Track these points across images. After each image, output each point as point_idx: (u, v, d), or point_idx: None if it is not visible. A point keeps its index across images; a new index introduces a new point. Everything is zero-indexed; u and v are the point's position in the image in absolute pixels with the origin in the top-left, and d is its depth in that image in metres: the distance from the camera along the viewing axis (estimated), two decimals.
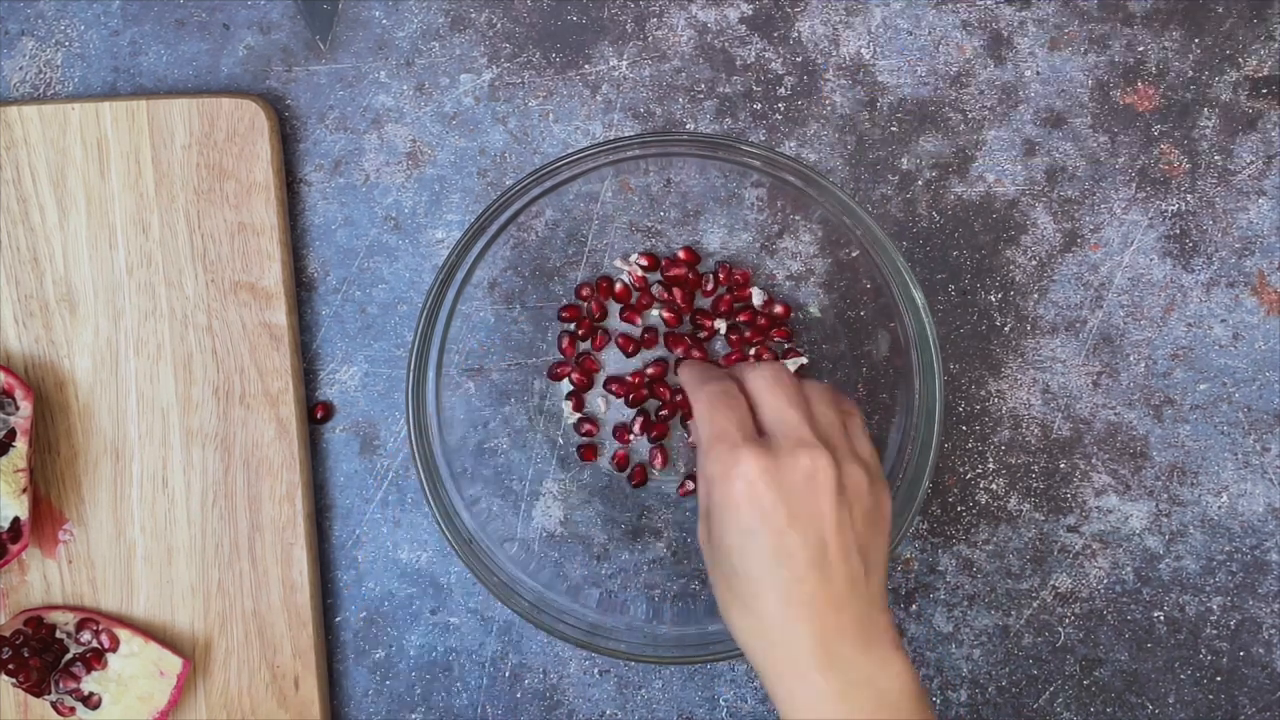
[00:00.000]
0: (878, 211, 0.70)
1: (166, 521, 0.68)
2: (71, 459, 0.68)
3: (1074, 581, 0.70)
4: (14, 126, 0.67)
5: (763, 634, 0.49)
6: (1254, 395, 0.69)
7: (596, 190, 0.68)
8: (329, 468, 0.71)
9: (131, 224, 0.68)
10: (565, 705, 0.71)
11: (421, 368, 0.62)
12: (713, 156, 0.62)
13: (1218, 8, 0.69)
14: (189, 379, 0.68)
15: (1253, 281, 0.69)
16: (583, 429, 0.69)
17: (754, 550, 0.49)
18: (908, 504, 0.61)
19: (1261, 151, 0.69)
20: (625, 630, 0.64)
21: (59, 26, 0.71)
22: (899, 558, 0.70)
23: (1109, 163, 0.69)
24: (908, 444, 0.63)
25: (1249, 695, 0.69)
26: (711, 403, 0.52)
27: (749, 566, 0.49)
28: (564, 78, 0.70)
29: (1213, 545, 0.69)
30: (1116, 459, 0.70)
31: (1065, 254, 0.69)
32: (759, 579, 0.49)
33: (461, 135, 0.70)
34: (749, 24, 0.70)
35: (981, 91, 0.69)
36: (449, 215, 0.70)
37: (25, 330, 0.68)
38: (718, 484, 0.50)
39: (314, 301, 0.70)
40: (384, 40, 0.70)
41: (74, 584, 0.68)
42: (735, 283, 0.68)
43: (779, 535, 0.48)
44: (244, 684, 0.68)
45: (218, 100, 0.67)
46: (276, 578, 0.68)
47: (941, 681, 0.70)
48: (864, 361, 0.68)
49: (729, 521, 0.49)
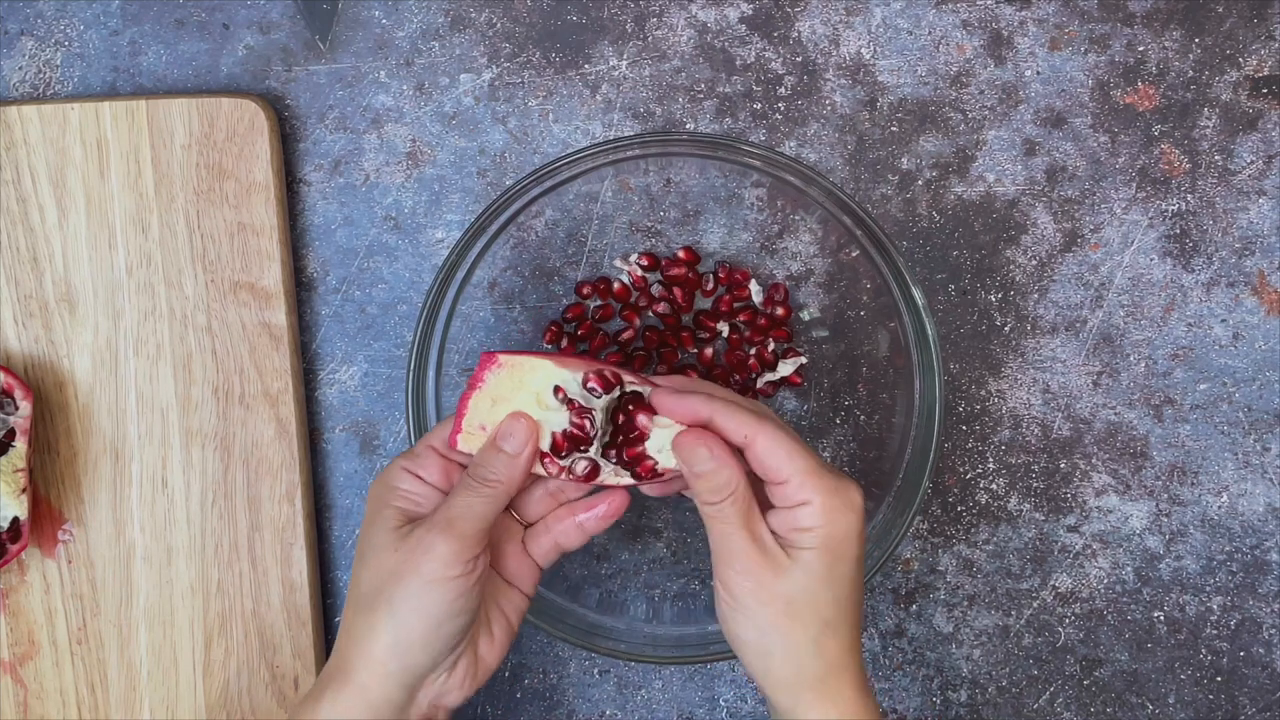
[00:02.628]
0: (878, 211, 0.70)
1: (166, 521, 0.68)
2: (71, 459, 0.68)
3: (1074, 581, 0.70)
4: (14, 126, 0.67)
5: (821, 654, 0.51)
6: (1254, 395, 0.69)
7: (596, 190, 0.68)
8: (329, 468, 0.71)
9: (131, 224, 0.68)
10: (565, 705, 0.70)
11: (421, 368, 0.62)
12: (713, 156, 0.62)
13: (1218, 8, 0.69)
14: (189, 379, 0.68)
15: (1253, 281, 0.69)
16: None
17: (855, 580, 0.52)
18: (908, 504, 0.61)
19: (1262, 151, 0.69)
20: (625, 630, 0.64)
21: (59, 26, 0.71)
22: (899, 558, 0.70)
23: (1109, 162, 0.69)
24: (908, 444, 0.63)
25: (1249, 695, 0.69)
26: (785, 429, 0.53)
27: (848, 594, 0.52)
28: (564, 78, 0.70)
29: (1213, 545, 0.69)
30: (1117, 459, 0.70)
31: (1065, 254, 0.69)
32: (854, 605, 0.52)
33: (461, 135, 0.70)
34: (749, 24, 0.70)
35: (982, 91, 0.69)
36: (449, 215, 0.70)
37: (25, 330, 0.68)
38: (843, 514, 0.51)
39: (314, 301, 0.70)
40: (384, 40, 0.70)
41: (74, 584, 0.68)
42: (735, 282, 0.68)
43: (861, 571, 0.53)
44: (244, 684, 0.68)
45: (217, 100, 0.67)
46: (276, 578, 0.68)
47: (941, 681, 0.70)
48: (864, 361, 0.68)
49: (846, 552, 0.51)
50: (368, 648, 0.51)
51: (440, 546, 0.50)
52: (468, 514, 0.51)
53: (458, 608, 0.51)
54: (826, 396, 0.69)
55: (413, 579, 0.50)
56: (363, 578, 0.52)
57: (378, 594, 0.51)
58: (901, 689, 0.70)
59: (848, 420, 0.69)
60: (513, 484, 0.53)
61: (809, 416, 0.69)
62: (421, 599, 0.50)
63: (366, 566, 0.52)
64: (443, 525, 0.51)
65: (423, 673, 0.52)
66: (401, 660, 0.51)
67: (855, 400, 0.69)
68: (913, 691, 0.70)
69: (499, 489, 0.52)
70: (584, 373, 0.54)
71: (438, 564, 0.50)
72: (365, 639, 0.51)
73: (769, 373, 0.68)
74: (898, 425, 0.65)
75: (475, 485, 0.52)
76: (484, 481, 0.52)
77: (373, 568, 0.52)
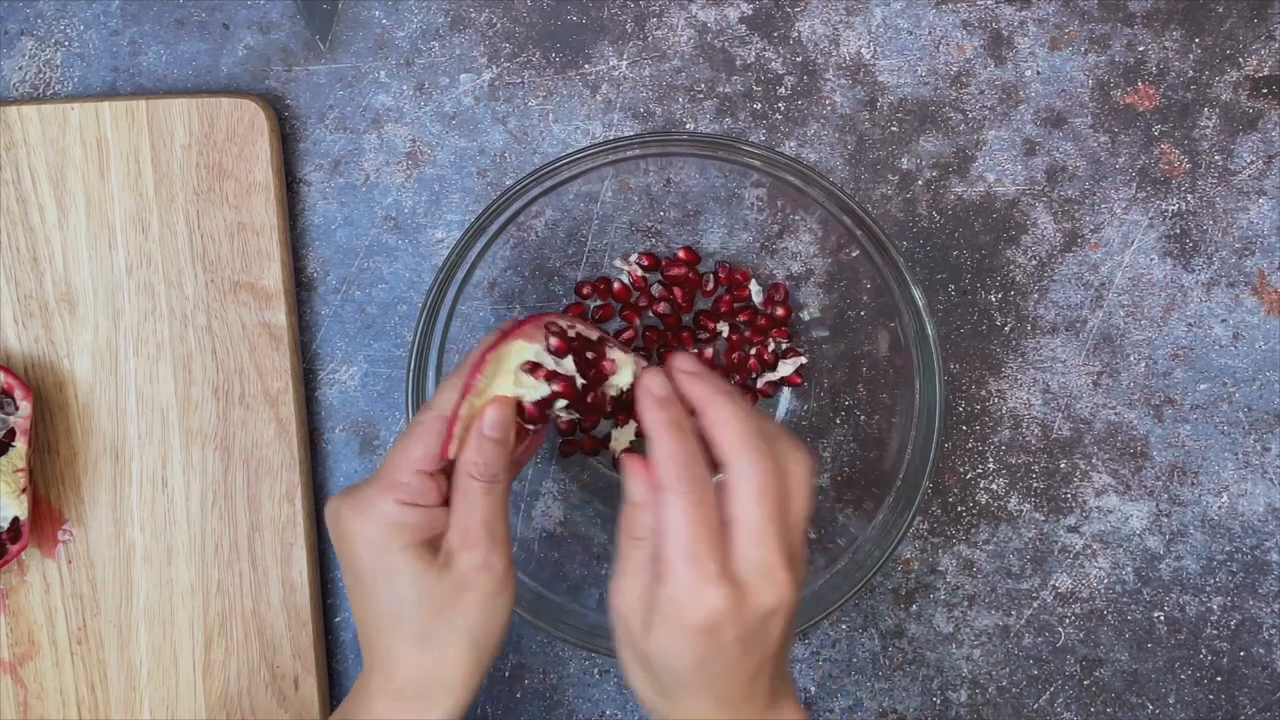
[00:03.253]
0: (878, 211, 0.70)
1: (166, 521, 0.68)
2: (71, 459, 0.68)
3: (1074, 581, 0.70)
4: (14, 126, 0.67)
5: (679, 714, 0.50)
6: (1254, 395, 0.69)
7: (596, 190, 0.68)
8: (329, 468, 0.71)
9: (131, 224, 0.68)
10: (565, 705, 0.70)
11: (421, 368, 0.62)
12: (713, 156, 0.62)
13: (1218, 8, 0.69)
14: (189, 379, 0.68)
15: (1253, 281, 0.69)
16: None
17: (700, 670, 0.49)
18: (908, 504, 0.61)
19: (1262, 151, 0.69)
20: None
21: (59, 26, 0.71)
22: (899, 558, 0.70)
23: (1109, 162, 0.69)
24: (908, 444, 0.63)
25: (1249, 695, 0.69)
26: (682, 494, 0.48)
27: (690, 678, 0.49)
28: (564, 77, 0.70)
29: (1213, 545, 0.69)
30: (1117, 459, 0.69)
31: (1065, 254, 0.69)
32: (697, 689, 0.49)
33: (461, 135, 0.70)
34: (749, 24, 0.70)
35: (982, 91, 0.69)
36: (449, 215, 0.70)
37: (25, 330, 0.68)
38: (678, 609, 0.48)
39: (314, 301, 0.70)
40: (384, 40, 0.70)
41: (74, 584, 0.68)
42: (735, 282, 0.68)
43: (729, 663, 0.49)
44: (244, 684, 0.68)
45: (217, 100, 0.67)
46: (276, 578, 0.68)
47: (941, 681, 0.70)
48: (864, 361, 0.68)
49: (681, 647, 0.48)
50: (454, 667, 0.53)
51: (498, 563, 0.52)
52: (497, 517, 0.53)
53: (510, 609, 0.54)
54: (826, 396, 0.69)
55: (475, 598, 0.52)
56: (403, 602, 0.52)
57: (438, 616, 0.52)
58: (901, 689, 0.70)
59: (848, 420, 0.69)
60: (507, 471, 0.54)
61: (809, 416, 0.69)
62: (490, 613, 0.53)
63: (401, 590, 0.52)
64: (489, 541, 0.52)
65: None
66: (482, 671, 0.54)
67: (855, 400, 0.69)
68: (913, 691, 0.70)
69: (503, 481, 0.53)
70: (543, 340, 0.55)
71: (496, 579, 0.52)
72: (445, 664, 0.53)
73: (769, 373, 0.68)
74: (898, 425, 0.64)
75: (486, 484, 0.52)
76: (493, 479, 0.52)
77: (413, 591, 0.52)
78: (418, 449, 0.53)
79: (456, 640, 0.52)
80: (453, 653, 0.53)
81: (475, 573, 0.52)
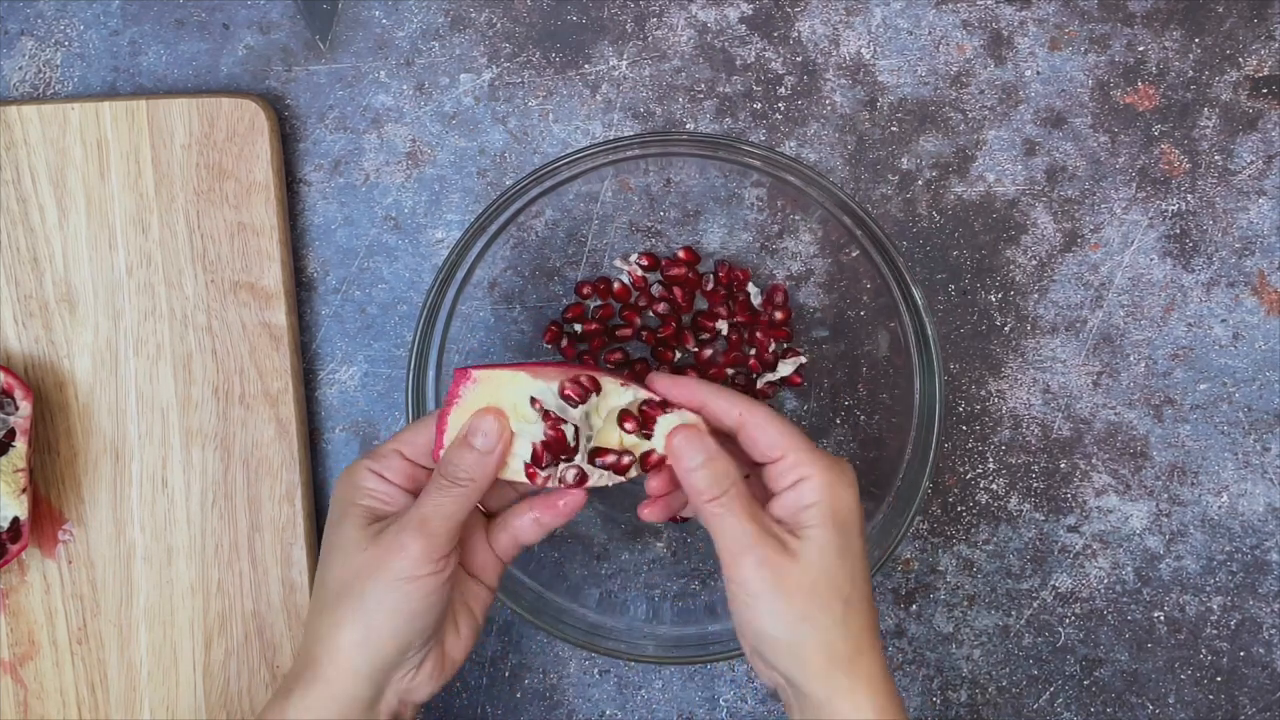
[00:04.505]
0: (878, 211, 0.70)
1: (166, 521, 0.68)
2: (71, 459, 0.68)
3: (1074, 581, 0.70)
4: (14, 126, 0.67)
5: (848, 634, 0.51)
6: (1254, 395, 0.69)
7: (596, 190, 0.68)
8: (329, 468, 0.71)
9: (131, 224, 0.68)
10: (565, 705, 0.70)
11: (421, 368, 0.62)
12: (713, 156, 0.62)
13: (1218, 8, 0.69)
14: (189, 379, 0.68)
15: (1253, 281, 0.69)
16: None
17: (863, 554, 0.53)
18: (908, 504, 0.61)
19: (1262, 151, 0.69)
20: (625, 630, 0.64)
21: (59, 26, 0.71)
22: (899, 558, 0.70)
23: (1109, 162, 0.69)
24: (908, 444, 0.63)
25: (1249, 695, 0.69)
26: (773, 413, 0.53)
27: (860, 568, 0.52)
28: (564, 77, 0.70)
29: (1213, 545, 0.69)
30: (1117, 459, 0.70)
31: (1065, 254, 0.69)
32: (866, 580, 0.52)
33: (461, 135, 0.70)
34: (749, 24, 0.70)
35: (981, 91, 0.69)
36: (449, 215, 0.70)
37: (25, 330, 0.68)
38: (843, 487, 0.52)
39: (314, 301, 0.70)
40: (384, 40, 0.70)
41: (74, 584, 0.68)
42: (735, 282, 0.68)
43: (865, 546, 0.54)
44: (244, 684, 0.68)
45: (217, 100, 0.67)
46: (276, 578, 0.68)
47: (941, 681, 0.70)
48: (864, 361, 0.68)
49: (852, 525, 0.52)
50: (335, 645, 0.51)
51: (412, 545, 0.50)
52: (439, 513, 0.51)
53: (427, 605, 0.51)
54: (826, 396, 0.69)
55: (383, 577, 0.50)
56: (329, 576, 0.52)
57: (346, 591, 0.51)
58: (901, 689, 0.70)
59: (848, 420, 0.69)
60: (484, 481, 0.52)
61: (809, 416, 0.69)
62: (392, 596, 0.50)
63: (334, 564, 0.52)
64: (414, 524, 0.51)
65: (390, 669, 0.52)
66: (370, 657, 0.51)
67: (855, 400, 0.69)
68: (913, 691, 0.70)
69: (470, 488, 0.52)
70: (559, 382, 0.53)
71: (408, 562, 0.50)
72: (332, 636, 0.51)
73: (769, 373, 0.68)
74: (898, 425, 0.64)
75: (446, 484, 0.52)
76: (455, 480, 0.52)
77: (340, 565, 0.52)
78: (417, 437, 0.54)
79: (349, 615, 0.51)
80: (342, 634, 0.51)
81: (389, 551, 0.51)
